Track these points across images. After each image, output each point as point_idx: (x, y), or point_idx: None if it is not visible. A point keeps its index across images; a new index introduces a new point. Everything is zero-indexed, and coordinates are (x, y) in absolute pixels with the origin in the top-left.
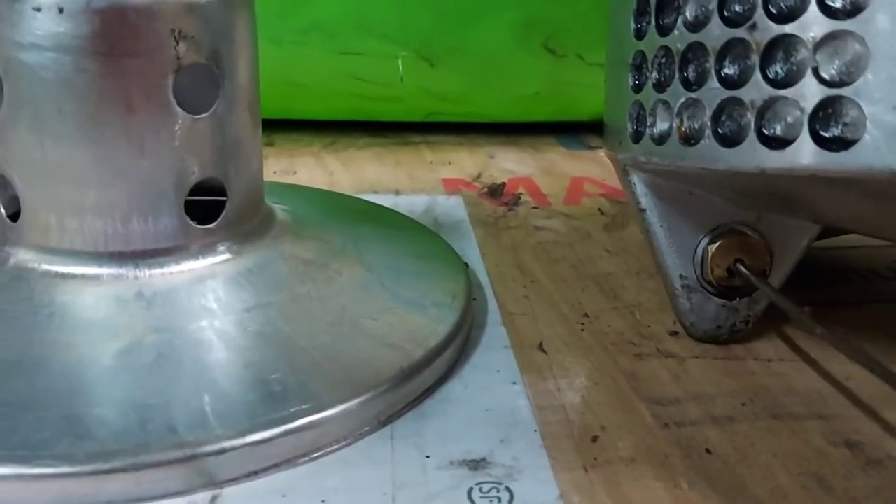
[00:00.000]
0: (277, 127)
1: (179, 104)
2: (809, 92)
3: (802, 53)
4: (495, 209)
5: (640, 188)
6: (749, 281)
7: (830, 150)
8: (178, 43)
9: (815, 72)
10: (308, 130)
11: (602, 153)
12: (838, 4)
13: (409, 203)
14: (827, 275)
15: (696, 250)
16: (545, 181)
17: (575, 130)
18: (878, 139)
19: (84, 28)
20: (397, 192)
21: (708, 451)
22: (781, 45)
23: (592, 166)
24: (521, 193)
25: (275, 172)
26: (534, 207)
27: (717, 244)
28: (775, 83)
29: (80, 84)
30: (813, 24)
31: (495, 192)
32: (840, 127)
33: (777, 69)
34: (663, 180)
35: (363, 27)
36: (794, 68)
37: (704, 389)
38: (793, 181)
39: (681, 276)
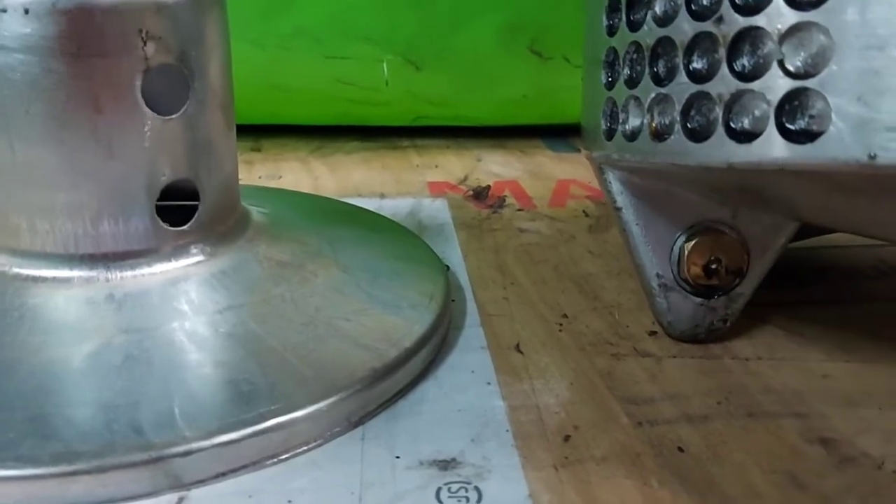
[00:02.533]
0: (265, 132)
1: (149, 105)
2: (775, 84)
3: (768, 46)
4: (480, 212)
5: (615, 186)
6: (726, 279)
7: (797, 142)
8: (145, 43)
9: (781, 64)
10: (295, 135)
11: None
12: None
13: (394, 206)
14: (809, 273)
15: (672, 248)
16: (531, 184)
17: (562, 133)
18: (843, 131)
19: (50, 28)
20: (382, 196)
21: (680, 448)
22: (748, 38)
23: (579, 168)
24: (506, 196)
25: (260, 177)
26: (518, 210)
27: (694, 242)
28: (742, 76)
29: (48, 85)
30: (778, 16)
31: (480, 194)
32: (806, 119)
33: (744, 62)
34: (638, 178)
35: (348, 31)
36: (761, 61)
37: (680, 389)
38: (762, 175)
39: (657, 274)
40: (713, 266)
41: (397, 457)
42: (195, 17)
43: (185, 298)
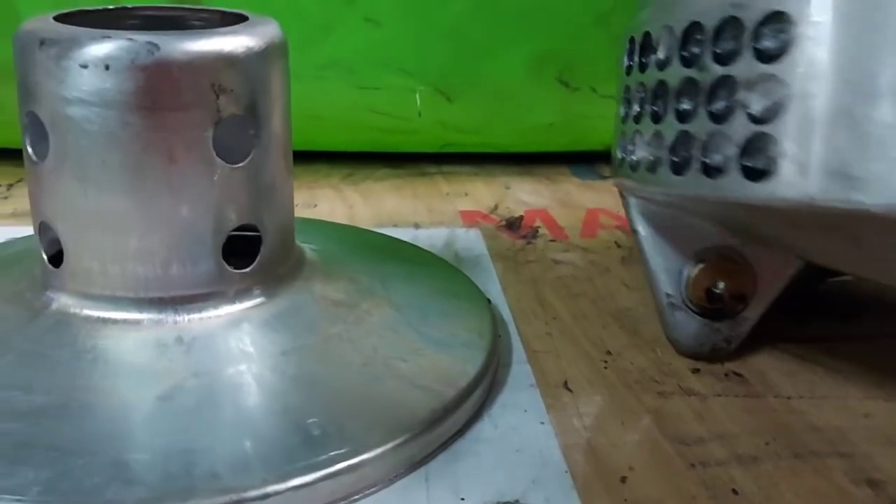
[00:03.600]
0: (297, 159)
1: (218, 154)
2: (741, 127)
3: (739, 93)
4: (514, 242)
5: (634, 211)
6: (730, 304)
7: (754, 181)
8: (218, 96)
9: (746, 109)
10: (326, 161)
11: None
12: (767, 46)
13: (429, 237)
14: (847, 307)
15: (682, 271)
16: (561, 213)
17: (588, 160)
18: (790, 173)
19: (128, 84)
20: (417, 226)
21: (735, 491)
22: (724, 85)
23: (606, 196)
24: (538, 227)
25: (296, 206)
26: (551, 240)
27: (700, 267)
28: (716, 118)
29: (124, 137)
30: (748, 67)
31: (513, 224)
32: (763, 160)
33: (719, 106)
34: (654, 205)
35: (381, 62)
36: (731, 106)
37: (728, 428)
38: (733, 210)
39: (667, 294)
40: (717, 290)
41: (462, 499)
42: (263, 68)
43: (250, 340)
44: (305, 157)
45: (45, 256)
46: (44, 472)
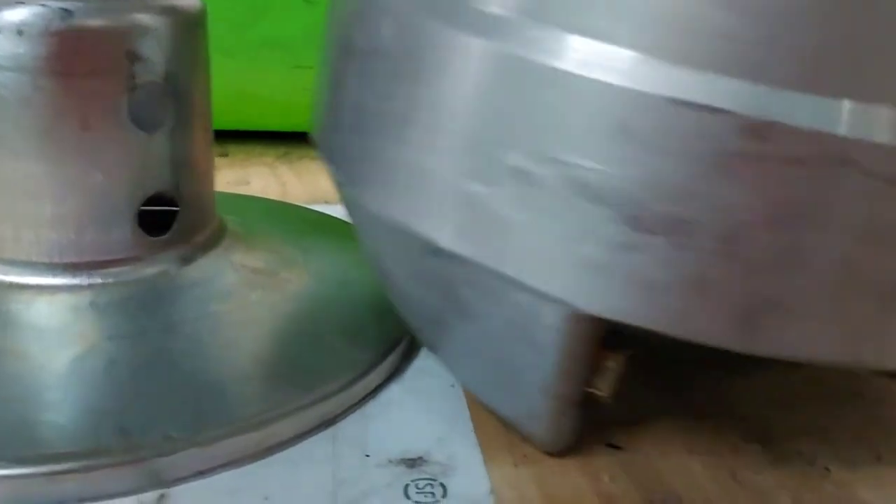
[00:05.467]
0: (231, 138)
1: (134, 122)
2: None
3: None
4: None
5: None
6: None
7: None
8: (132, 63)
9: None
10: (262, 141)
11: None
12: None
13: None
14: None
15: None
16: None
17: None
18: None
19: (41, 49)
20: None
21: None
22: None
23: None
24: None
25: (228, 183)
26: None
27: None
28: None
29: (37, 102)
30: None
31: None
32: None
33: None
34: None
35: (317, 41)
36: None
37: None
38: None
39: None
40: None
41: (367, 455)
42: (179, 37)
43: (166, 305)
44: (241, 136)
45: None
46: None
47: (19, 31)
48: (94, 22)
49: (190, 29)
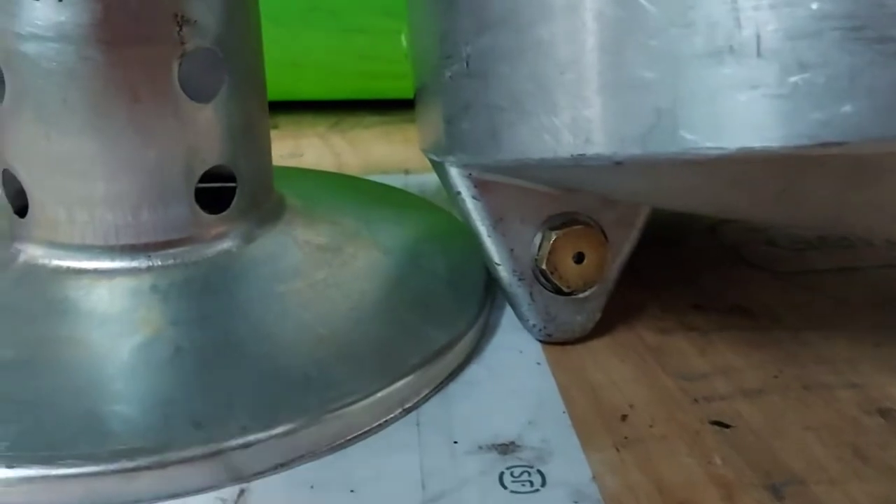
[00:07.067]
0: (280, 109)
1: (185, 91)
2: None
3: None
4: None
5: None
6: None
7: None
8: (181, 28)
9: None
10: (311, 111)
11: None
12: None
13: (420, 183)
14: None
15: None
16: None
17: None
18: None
19: (85, 16)
20: (407, 172)
21: (734, 425)
22: None
23: None
24: None
25: (280, 156)
26: None
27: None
28: None
29: (84, 73)
30: None
31: None
32: None
33: None
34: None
35: (365, 4)
36: None
37: (732, 363)
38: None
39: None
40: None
41: (455, 442)
42: None
43: (230, 286)
44: (290, 107)
45: (10, 207)
46: (12, 426)
47: None
48: None
49: None
